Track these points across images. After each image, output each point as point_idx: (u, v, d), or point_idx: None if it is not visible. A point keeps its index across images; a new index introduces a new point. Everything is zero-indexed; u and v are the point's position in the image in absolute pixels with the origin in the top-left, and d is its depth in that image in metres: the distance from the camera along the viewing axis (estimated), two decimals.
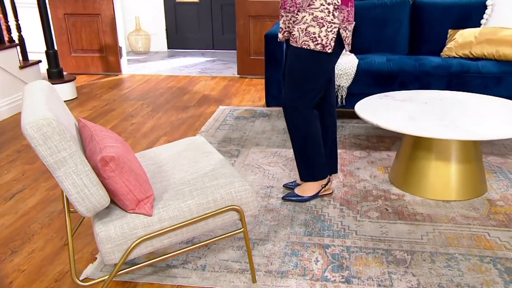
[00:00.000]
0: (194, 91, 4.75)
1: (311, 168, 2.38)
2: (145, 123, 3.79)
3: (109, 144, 1.58)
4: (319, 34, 2.10)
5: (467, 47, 3.50)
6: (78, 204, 1.48)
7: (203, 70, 5.70)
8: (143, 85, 5.01)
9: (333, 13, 2.07)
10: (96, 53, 5.39)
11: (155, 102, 4.38)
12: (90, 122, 1.78)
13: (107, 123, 3.81)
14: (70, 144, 1.43)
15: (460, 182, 2.44)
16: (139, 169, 1.67)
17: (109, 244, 1.55)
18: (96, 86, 4.98)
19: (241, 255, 2.01)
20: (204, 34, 6.87)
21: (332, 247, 2.06)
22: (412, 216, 2.31)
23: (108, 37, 5.30)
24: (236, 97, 4.49)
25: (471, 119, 2.36)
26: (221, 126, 3.64)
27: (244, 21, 5.03)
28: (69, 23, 5.29)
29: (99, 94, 4.65)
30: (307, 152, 2.33)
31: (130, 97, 4.55)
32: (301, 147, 2.33)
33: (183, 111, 4.09)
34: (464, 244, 2.07)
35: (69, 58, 5.43)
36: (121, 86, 4.98)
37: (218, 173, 1.82)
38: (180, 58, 6.47)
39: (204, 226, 1.70)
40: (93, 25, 5.28)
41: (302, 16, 2.11)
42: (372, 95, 2.81)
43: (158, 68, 5.85)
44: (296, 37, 2.14)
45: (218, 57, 6.46)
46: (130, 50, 6.93)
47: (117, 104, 4.31)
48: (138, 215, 1.60)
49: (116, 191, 1.56)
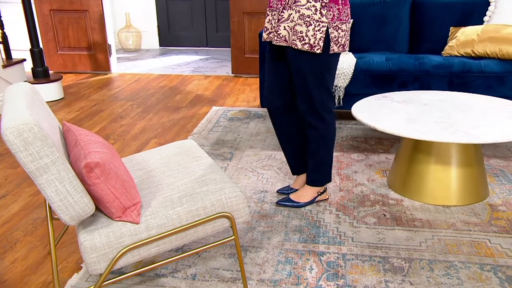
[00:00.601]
0: (186, 91, 4.75)
1: (329, 171, 2.44)
2: (135, 125, 3.79)
3: (94, 150, 1.58)
4: (307, 33, 2.07)
5: (469, 46, 3.51)
6: (61, 212, 1.48)
7: (196, 69, 5.70)
8: (133, 84, 5.01)
9: (320, 11, 2.04)
10: (84, 51, 5.39)
11: (146, 102, 4.38)
12: (75, 126, 1.78)
13: (95, 124, 3.80)
14: (53, 150, 1.43)
15: (460, 187, 2.45)
16: (126, 175, 1.67)
17: (94, 253, 1.55)
18: (84, 85, 4.98)
19: (232, 263, 2.02)
20: (198, 31, 6.87)
21: (327, 254, 2.07)
22: (411, 222, 2.32)
23: (97, 34, 5.29)
24: (230, 97, 4.50)
25: (472, 121, 2.37)
26: (214, 127, 3.65)
27: (239, 18, 5.04)
28: (55, 19, 5.29)
29: (87, 94, 4.64)
30: (331, 157, 2.40)
31: (119, 97, 4.55)
32: (327, 154, 2.37)
33: (174, 112, 4.09)
34: (464, 252, 2.08)
35: (55, 56, 5.42)
36: (110, 85, 4.98)
37: (208, 179, 1.82)
38: (172, 56, 6.47)
39: (193, 234, 1.71)
40: (81, 21, 5.27)
41: (288, 14, 2.09)
42: (370, 96, 2.82)
43: (149, 66, 5.85)
44: (284, 35, 2.11)
45: (212, 55, 6.47)
46: (120, 48, 6.93)
47: (106, 105, 4.31)
48: (125, 223, 1.60)
49: (101, 198, 1.56)
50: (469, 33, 3.55)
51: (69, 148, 1.69)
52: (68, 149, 1.71)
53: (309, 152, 2.38)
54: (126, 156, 3.14)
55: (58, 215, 1.49)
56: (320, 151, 2.34)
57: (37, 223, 2.37)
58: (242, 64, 5.22)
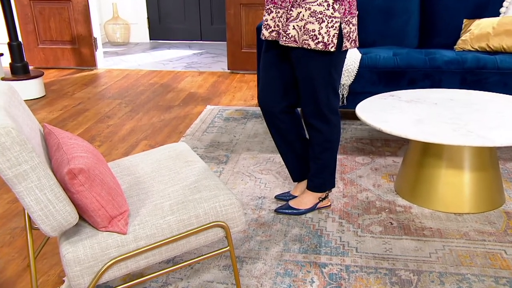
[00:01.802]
0: (179, 88, 4.76)
1: (333, 176, 2.46)
2: (123, 125, 3.79)
3: (78, 155, 1.59)
4: (319, 31, 2.07)
5: (484, 39, 3.53)
6: (41, 222, 1.48)
7: (189, 65, 5.71)
8: (121, 81, 5.01)
9: (333, 6, 2.05)
10: (67, 45, 5.39)
11: (135, 101, 4.38)
12: (57, 129, 1.78)
13: (80, 125, 3.81)
14: (33, 156, 1.43)
15: (474, 193, 2.46)
16: (113, 181, 1.68)
17: (77, 266, 1.55)
18: (67, 82, 4.98)
19: (227, 276, 2.02)
20: (191, 24, 6.88)
21: (330, 266, 2.08)
22: (420, 231, 2.33)
23: (81, 27, 5.30)
24: (226, 96, 4.51)
25: (487, 122, 2.38)
26: (208, 128, 3.66)
27: (235, 9, 5.05)
28: (36, 10, 5.29)
29: (70, 92, 4.65)
30: (335, 162, 2.42)
31: (106, 95, 4.56)
32: (330, 158, 2.39)
33: (166, 111, 4.10)
34: (478, 263, 2.09)
35: (36, 50, 5.43)
36: (96, 82, 4.99)
37: (202, 185, 1.83)
38: (164, 50, 6.48)
39: (185, 244, 1.71)
40: (64, 12, 5.28)
41: (297, 13, 2.08)
42: (376, 95, 2.83)
43: (139, 62, 5.85)
44: (294, 35, 2.11)
45: (207, 50, 6.48)
46: (107, 42, 6.94)
47: (91, 103, 4.32)
48: (111, 233, 1.61)
49: (85, 207, 1.56)
50: (484, 26, 3.57)
51: (51, 153, 1.69)
52: (49, 154, 1.71)
53: (312, 155, 2.39)
54: (113, 159, 3.15)
55: (38, 225, 1.49)
56: (324, 154, 2.35)
57: (16, 233, 2.37)
58: (238, 59, 5.23)
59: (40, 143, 1.73)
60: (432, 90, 2.92)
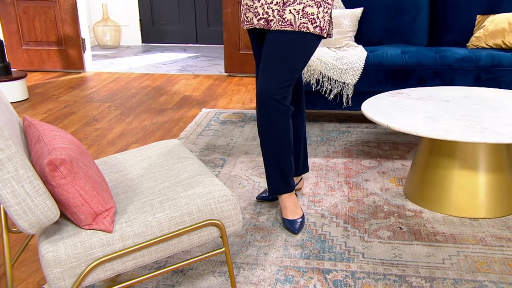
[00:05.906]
0: (172, 91, 4.75)
1: (287, 177, 2.35)
2: (112, 129, 3.77)
3: (59, 146, 1.56)
4: (317, 15, 2.15)
5: (499, 36, 3.52)
6: (19, 218, 1.45)
7: (184, 68, 5.71)
8: (111, 84, 5.00)
9: None
10: (54, 46, 5.39)
11: (125, 104, 4.37)
12: (38, 121, 1.76)
13: (66, 128, 3.79)
14: (9, 144, 1.40)
15: (490, 196, 2.43)
16: (98, 175, 1.64)
17: (58, 267, 1.52)
18: (52, 85, 4.97)
19: (223, 283, 1.99)
20: (186, 26, 6.90)
21: (334, 272, 2.04)
22: (432, 236, 2.29)
23: (68, 27, 5.30)
24: (222, 99, 4.50)
25: (503, 119, 2.36)
26: (204, 131, 3.63)
27: (233, 8, 5.06)
28: (20, 9, 5.29)
29: (56, 95, 4.63)
30: (283, 157, 2.32)
31: (94, 98, 4.54)
32: (277, 152, 2.30)
33: (158, 114, 4.08)
34: (496, 270, 2.05)
35: (20, 51, 5.42)
36: (84, 85, 4.98)
37: (195, 181, 1.80)
38: (157, 53, 6.49)
39: (177, 245, 1.68)
40: (50, 12, 5.28)
41: None
42: (383, 93, 2.82)
43: (130, 65, 5.86)
44: (290, 19, 2.14)
45: (203, 53, 6.49)
46: (96, 44, 6.94)
47: (78, 107, 4.30)
48: (95, 231, 1.58)
49: (68, 202, 1.53)
50: (499, 22, 3.57)
51: (31, 146, 1.66)
52: (29, 147, 1.68)
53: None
54: None
55: (14, 221, 1.46)
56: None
57: None
58: (236, 61, 5.23)
59: (19, 136, 1.70)
60: (443, 87, 2.90)
